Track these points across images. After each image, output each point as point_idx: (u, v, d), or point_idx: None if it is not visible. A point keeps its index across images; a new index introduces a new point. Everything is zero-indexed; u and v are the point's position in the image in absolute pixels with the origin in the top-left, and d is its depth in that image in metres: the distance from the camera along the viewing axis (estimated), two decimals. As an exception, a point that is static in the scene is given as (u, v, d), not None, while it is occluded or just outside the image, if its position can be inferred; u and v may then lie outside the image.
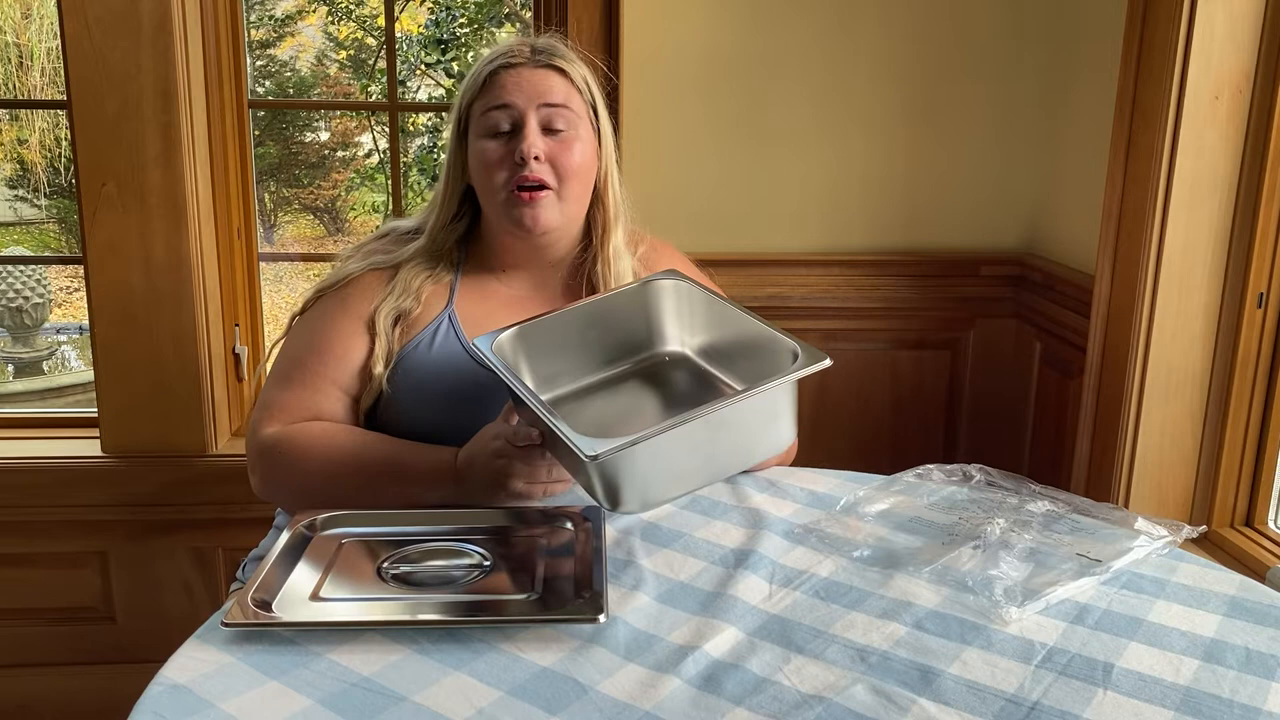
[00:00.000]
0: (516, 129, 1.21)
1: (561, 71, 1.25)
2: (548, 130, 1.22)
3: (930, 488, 1.19)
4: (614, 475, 0.98)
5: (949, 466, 1.23)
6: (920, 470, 1.22)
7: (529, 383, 1.12)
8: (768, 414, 1.06)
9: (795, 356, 1.05)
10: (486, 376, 1.18)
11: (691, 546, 1.04)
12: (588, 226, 1.32)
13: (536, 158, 1.20)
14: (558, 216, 1.23)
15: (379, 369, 1.21)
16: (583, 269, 1.31)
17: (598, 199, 1.30)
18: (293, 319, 1.30)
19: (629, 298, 1.22)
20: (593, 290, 1.29)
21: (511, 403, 1.10)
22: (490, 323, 1.24)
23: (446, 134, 1.33)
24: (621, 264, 1.31)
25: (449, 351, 1.23)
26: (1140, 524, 1.07)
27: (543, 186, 1.21)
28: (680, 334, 1.24)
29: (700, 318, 1.23)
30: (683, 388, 1.21)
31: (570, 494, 1.17)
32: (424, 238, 1.29)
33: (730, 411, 1.00)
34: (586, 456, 0.92)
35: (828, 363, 1.02)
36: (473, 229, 1.32)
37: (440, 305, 1.26)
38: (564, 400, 1.19)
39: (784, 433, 1.09)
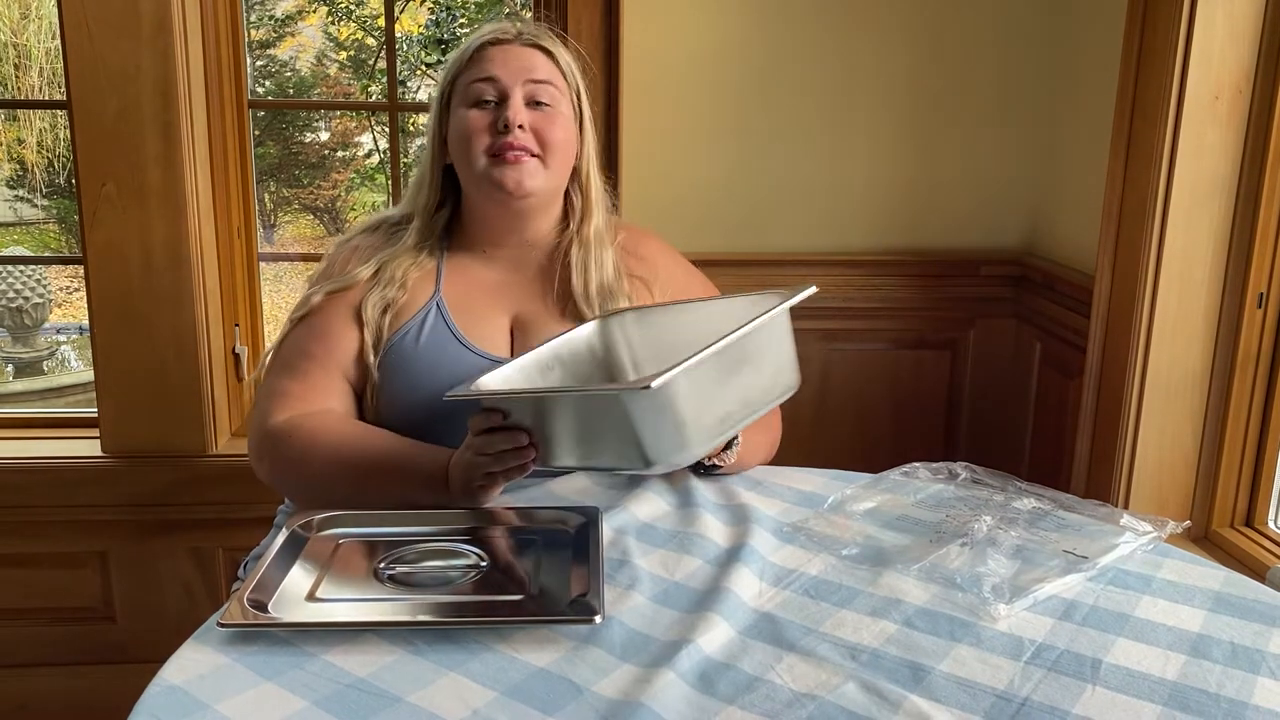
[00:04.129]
0: (501, 101, 1.23)
1: (547, 52, 1.28)
2: (531, 105, 1.24)
3: (917, 485, 1.19)
4: (659, 414, 0.93)
5: (935, 464, 1.23)
6: (907, 468, 1.23)
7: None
8: (776, 346, 1.06)
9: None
10: (476, 365, 1.19)
11: (686, 545, 1.04)
12: (564, 212, 1.33)
13: (521, 126, 1.22)
14: (540, 183, 1.24)
15: (371, 358, 1.22)
16: (559, 251, 1.32)
17: (577, 184, 1.32)
18: (293, 318, 1.28)
19: (582, 342, 1.21)
20: (567, 274, 1.29)
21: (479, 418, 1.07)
22: (476, 307, 1.25)
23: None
24: (603, 251, 1.31)
25: (438, 341, 1.23)
26: (1125, 520, 1.08)
27: (528, 153, 1.23)
28: (632, 364, 1.24)
29: (650, 336, 1.23)
30: None
31: (568, 496, 1.17)
32: (417, 219, 1.31)
33: (744, 340, 0.97)
34: (641, 388, 0.88)
35: (812, 289, 1.04)
36: (455, 214, 1.33)
37: (427, 292, 1.26)
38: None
39: (789, 372, 1.08)
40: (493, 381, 1.11)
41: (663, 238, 1.44)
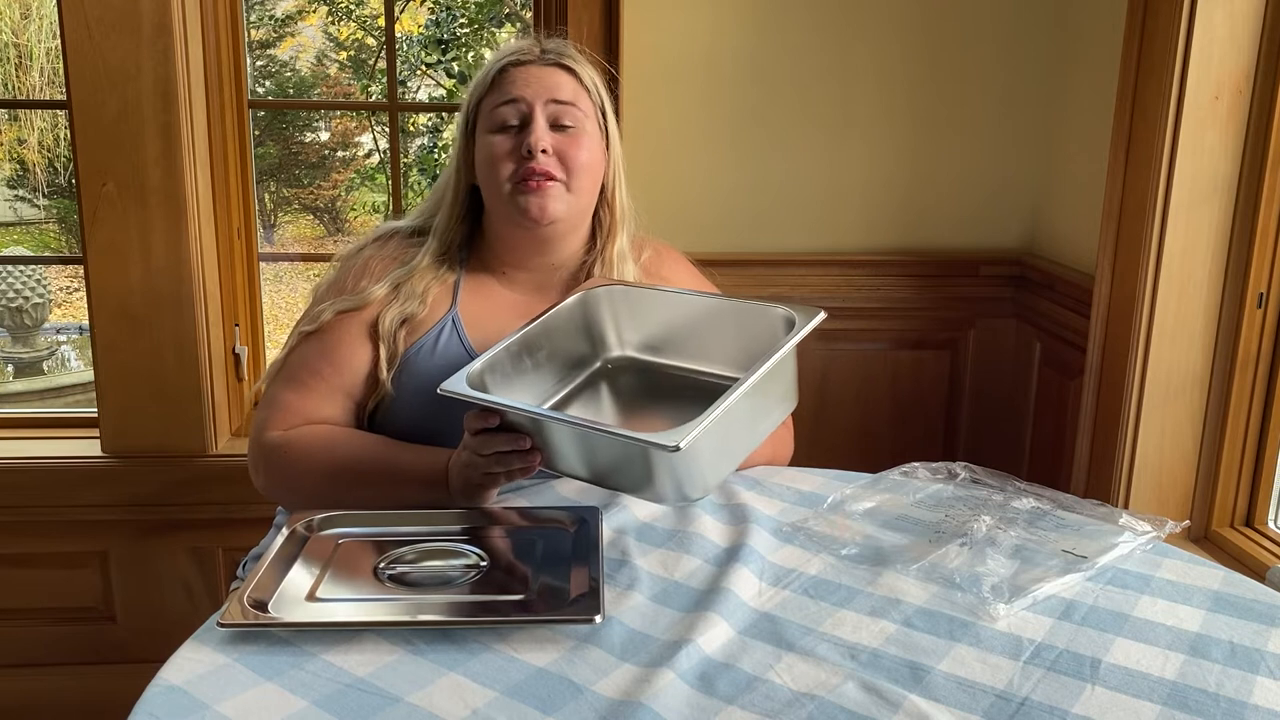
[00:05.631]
0: (524, 124, 1.22)
1: (570, 71, 1.26)
2: (555, 127, 1.23)
3: (916, 485, 1.19)
4: (677, 463, 0.95)
5: (934, 464, 1.23)
6: (906, 468, 1.23)
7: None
8: (783, 377, 1.11)
9: (791, 323, 1.08)
10: None
11: (685, 545, 1.04)
12: (592, 230, 1.32)
13: (544, 150, 1.20)
14: (564, 208, 1.23)
15: (384, 374, 1.22)
16: (582, 271, 1.31)
17: (604, 202, 1.31)
18: (300, 331, 1.27)
19: (566, 315, 1.21)
20: None
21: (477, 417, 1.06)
22: (493, 326, 1.24)
23: (448, 134, 1.33)
24: (625, 267, 1.31)
25: (451, 355, 1.23)
26: (1124, 520, 1.08)
27: (550, 178, 1.21)
28: (616, 337, 1.25)
29: (637, 314, 1.24)
30: (631, 387, 1.22)
31: (568, 496, 1.17)
32: (433, 241, 1.29)
33: (764, 375, 1.00)
34: (672, 448, 0.89)
35: (822, 315, 1.09)
36: (476, 229, 1.32)
37: (444, 307, 1.26)
38: None
39: (792, 394, 1.15)
40: (481, 368, 1.09)
41: (687, 258, 1.43)
